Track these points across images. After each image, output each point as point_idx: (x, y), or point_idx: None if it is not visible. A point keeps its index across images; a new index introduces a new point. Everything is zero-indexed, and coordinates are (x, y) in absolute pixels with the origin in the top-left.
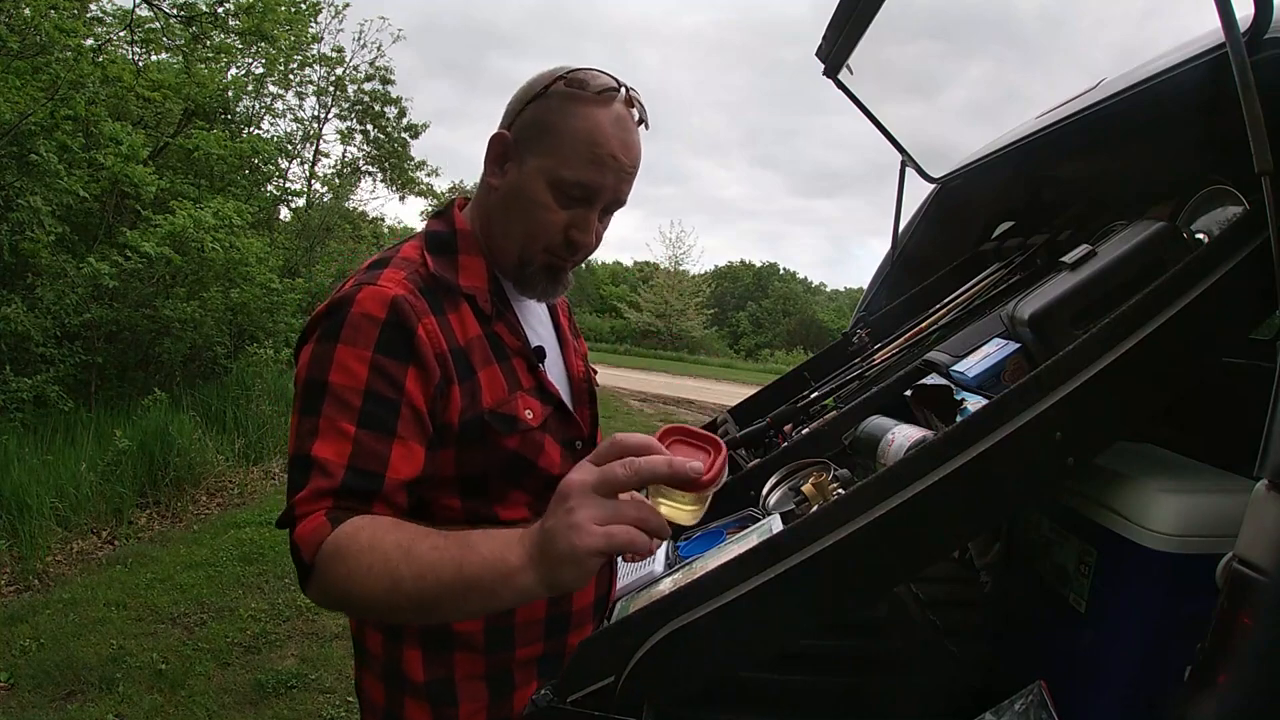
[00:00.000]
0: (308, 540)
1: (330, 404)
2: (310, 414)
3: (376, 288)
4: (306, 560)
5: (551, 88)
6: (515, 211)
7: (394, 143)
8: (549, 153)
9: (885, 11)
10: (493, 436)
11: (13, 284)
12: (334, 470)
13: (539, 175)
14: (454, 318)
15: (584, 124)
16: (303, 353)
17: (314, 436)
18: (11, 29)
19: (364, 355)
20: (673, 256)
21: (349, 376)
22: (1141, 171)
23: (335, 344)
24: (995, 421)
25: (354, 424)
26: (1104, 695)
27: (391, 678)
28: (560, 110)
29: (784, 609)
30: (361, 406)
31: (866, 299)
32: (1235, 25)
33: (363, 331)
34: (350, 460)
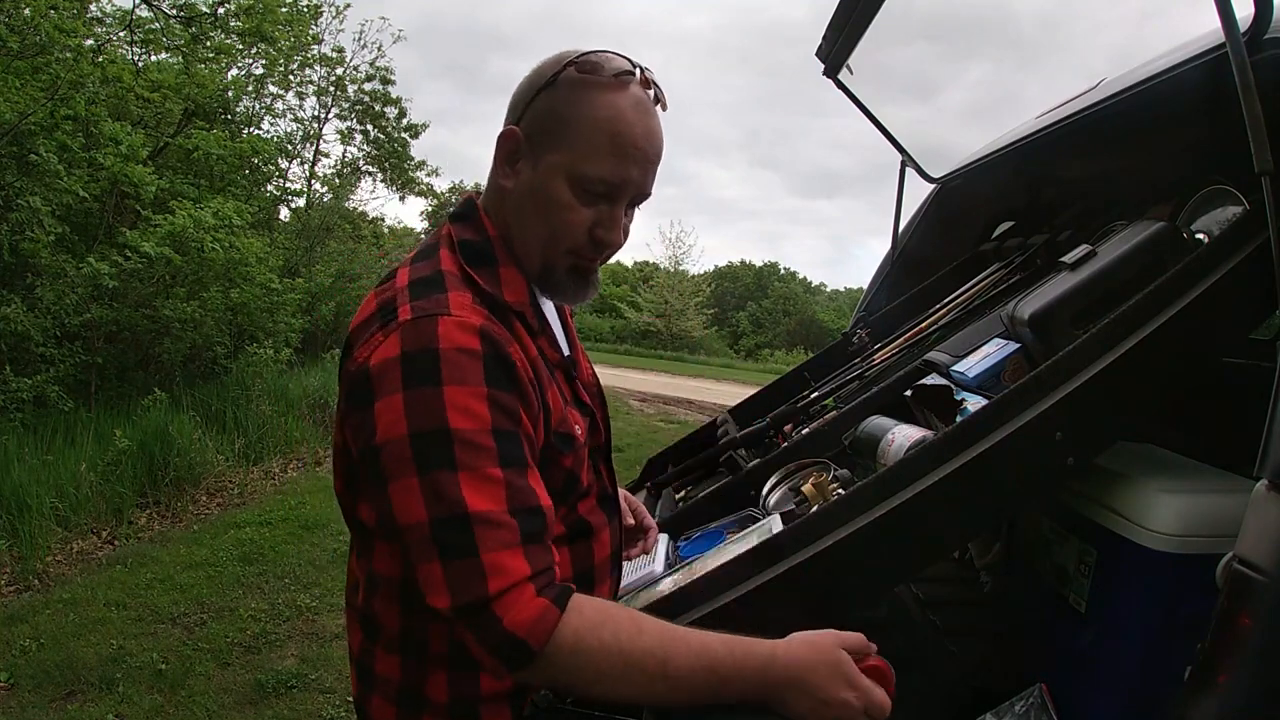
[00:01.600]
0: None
1: (463, 451)
2: (439, 468)
3: (455, 318)
4: (534, 648)
5: (562, 75)
6: (534, 214)
7: (394, 143)
8: (566, 147)
9: (885, 12)
10: (555, 457)
11: (13, 284)
12: (501, 519)
13: (557, 172)
14: (516, 337)
15: (602, 112)
16: (388, 404)
17: (460, 490)
18: (11, 29)
19: (479, 392)
20: (673, 256)
21: (472, 419)
22: (1141, 171)
23: (440, 386)
24: (995, 421)
25: (499, 466)
26: (1104, 695)
27: (407, 700)
28: (574, 99)
29: (784, 609)
30: (497, 447)
31: (866, 299)
32: (1235, 25)
33: (466, 368)
34: (509, 504)
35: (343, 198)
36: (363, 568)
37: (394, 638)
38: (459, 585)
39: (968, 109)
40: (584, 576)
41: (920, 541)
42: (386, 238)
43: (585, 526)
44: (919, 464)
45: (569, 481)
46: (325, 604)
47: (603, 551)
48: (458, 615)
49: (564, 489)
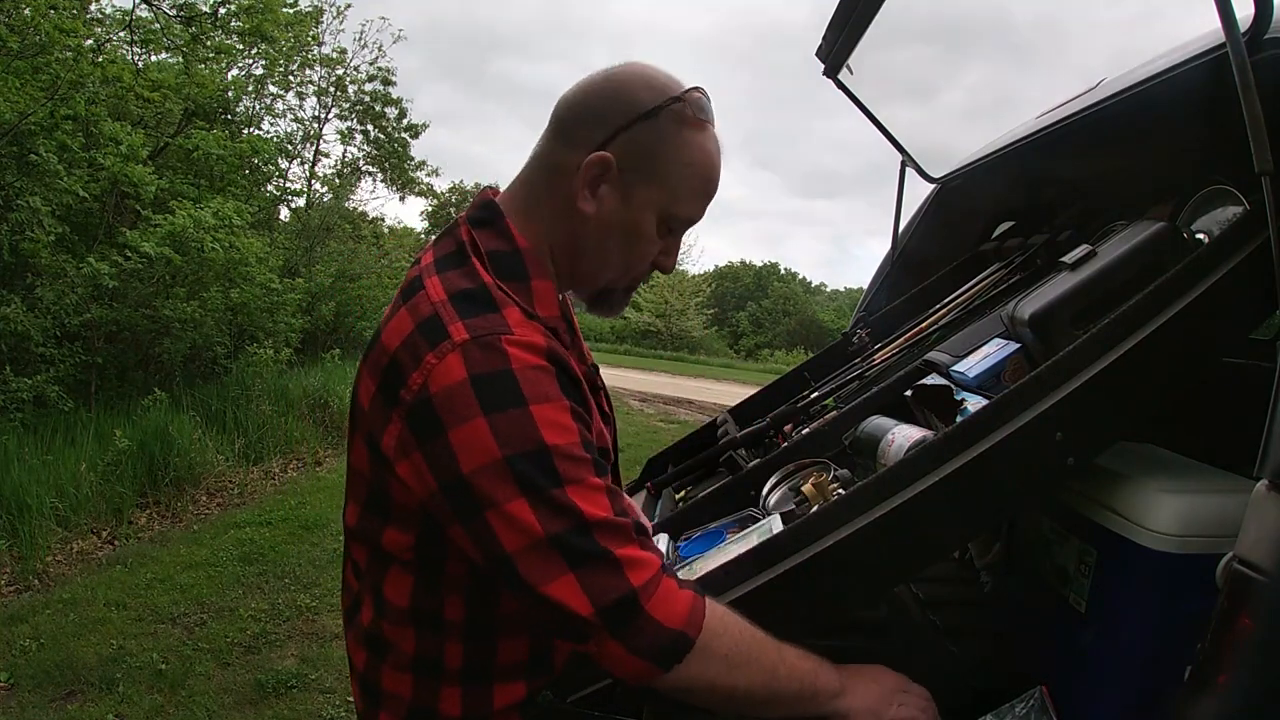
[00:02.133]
0: (691, 617)
1: (564, 465)
2: (550, 486)
3: (517, 336)
4: (693, 637)
5: (664, 110)
6: (617, 243)
7: (394, 143)
8: (662, 185)
9: (885, 13)
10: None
11: (13, 284)
12: (616, 522)
13: (649, 209)
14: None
15: (699, 156)
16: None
17: (575, 501)
18: (11, 29)
19: (563, 406)
20: None
21: (564, 433)
22: (1141, 171)
23: (525, 406)
24: (995, 421)
25: (595, 475)
26: (1104, 695)
27: (418, 716)
28: (676, 139)
29: (784, 609)
30: (591, 458)
31: (866, 299)
32: (1235, 25)
33: (544, 385)
34: (614, 509)
35: (343, 198)
36: (370, 589)
37: (406, 658)
38: (599, 588)
39: (967, 110)
40: None
41: (920, 541)
42: (386, 238)
43: None
44: (919, 464)
45: None
46: (325, 604)
47: None
48: (606, 620)
49: None
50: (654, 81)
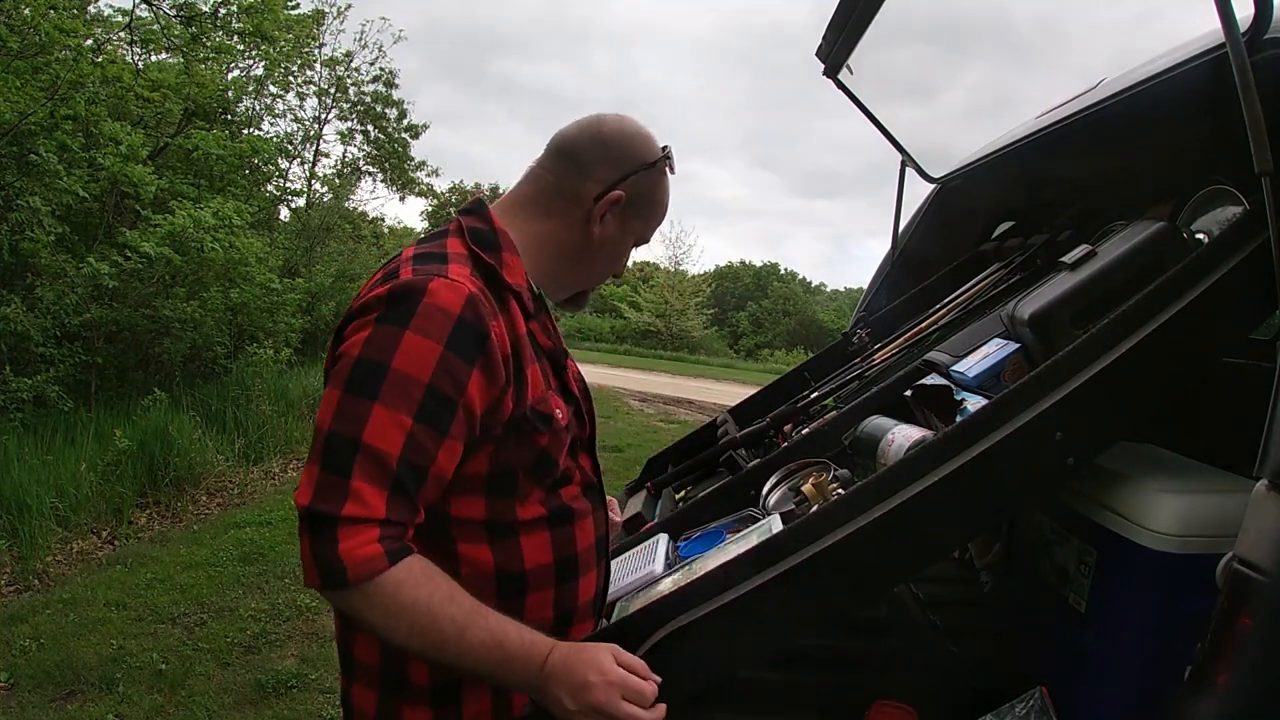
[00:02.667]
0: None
1: (389, 390)
2: (364, 396)
3: (449, 281)
4: (349, 579)
5: (658, 163)
6: (604, 257)
7: (394, 143)
8: (645, 218)
9: (884, 14)
10: (529, 433)
11: (13, 284)
12: (387, 461)
13: (630, 234)
14: (508, 315)
15: (664, 197)
16: (356, 331)
17: (367, 420)
18: (11, 29)
19: (434, 349)
20: (673, 256)
21: (415, 366)
22: (1141, 171)
23: (404, 330)
24: (995, 421)
25: (411, 416)
26: (1104, 695)
27: (388, 685)
28: (659, 186)
29: (784, 609)
30: (422, 400)
31: (866, 299)
32: (1235, 25)
33: (436, 323)
34: (403, 452)
35: (343, 198)
36: None
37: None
38: (322, 493)
39: (967, 110)
40: (568, 561)
41: (920, 541)
42: (386, 238)
43: (567, 512)
44: (919, 464)
45: (542, 462)
46: (325, 604)
47: (586, 539)
48: (308, 517)
49: (536, 468)
50: (650, 138)
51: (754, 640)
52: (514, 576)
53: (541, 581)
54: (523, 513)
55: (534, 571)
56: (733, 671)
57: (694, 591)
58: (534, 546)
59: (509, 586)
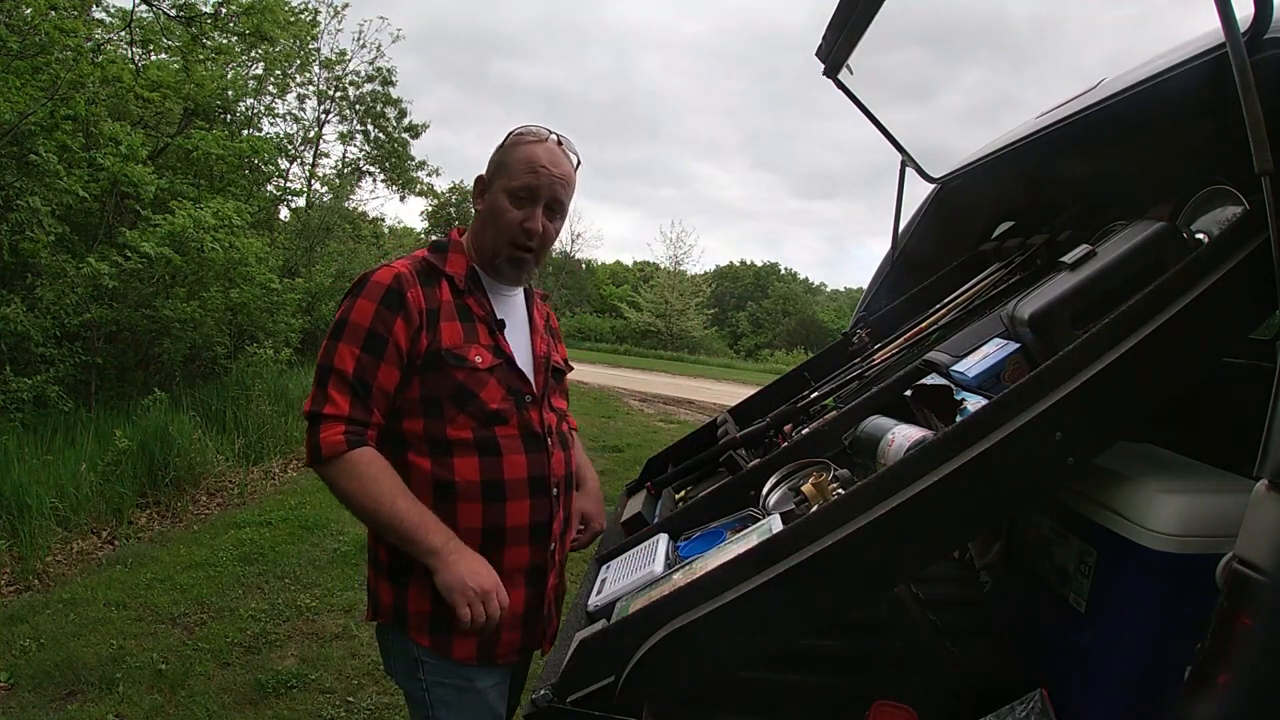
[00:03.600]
0: (327, 447)
1: (347, 333)
2: (334, 339)
3: (388, 267)
4: (322, 457)
5: (506, 140)
6: (490, 221)
7: (394, 143)
8: (504, 176)
9: (883, 16)
10: (445, 368)
11: (13, 284)
12: (346, 377)
13: (500, 193)
14: (435, 290)
15: (524, 154)
16: (340, 305)
17: (334, 353)
18: (11, 29)
19: (371, 305)
20: (673, 256)
21: (360, 317)
22: (1141, 171)
23: (357, 298)
24: (995, 421)
25: (359, 349)
26: (1104, 695)
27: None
28: (511, 150)
29: (784, 609)
30: (364, 337)
31: (866, 299)
32: (1235, 25)
33: (372, 291)
34: (354, 369)
35: (343, 198)
36: None
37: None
38: (314, 400)
39: (967, 110)
40: (494, 484)
41: (920, 541)
42: (386, 238)
43: (495, 444)
44: (919, 464)
45: (463, 392)
46: (325, 604)
47: (514, 472)
48: (307, 417)
49: (457, 397)
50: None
51: (754, 640)
52: (445, 484)
53: (469, 495)
54: (452, 432)
55: (462, 485)
56: (733, 671)
57: (694, 591)
58: (464, 466)
59: (442, 492)
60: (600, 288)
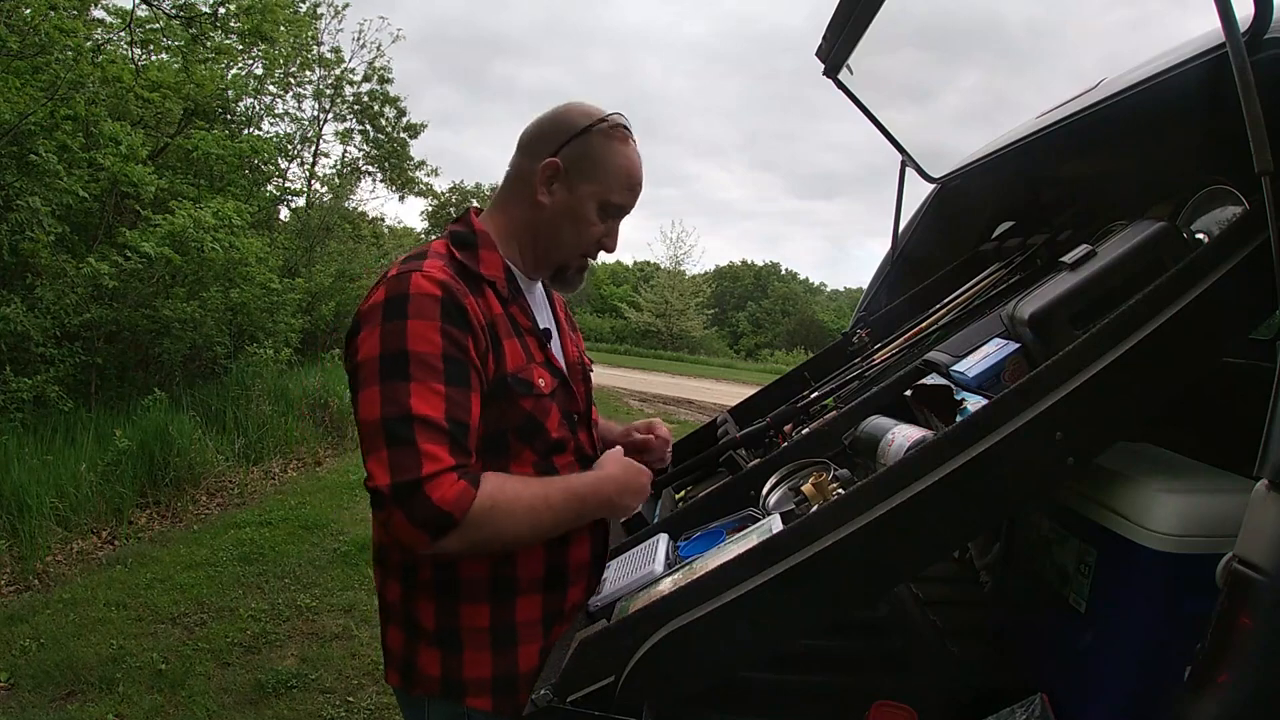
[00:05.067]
0: (456, 502)
1: (416, 368)
2: (397, 379)
3: (424, 274)
4: (456, 519)
5: (595, 127)
6: (568, 226)
7: (393, 142)
8: (598, 181)
9: (882, 18)
10: (512, 397)
11: (13, 284)
12: (438, 423)
13: (590, 199)
14: (482, 298)
15: (623, 161)
16: (366, 336)
17: (409, 396)
18: (11, 29)
19: (434, 325)
20: (673, 256)
21: (427, 345)
22: (1141, 171)
23: (405, 320)
24: (995, 421)
25: (442, 383)
26: (1104, 695)
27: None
28: (605, 148)
29: (784, 609)
30: (443, 368)
31: (866, 299)
32: (1235, 25)
33: (426, 307)
34: (447, 413)
35: (342, 198)
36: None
37: (396, 568)
38: (399, 467)
39: (967, 110)
40: None
41: (920, 541)
42: (386, 238)
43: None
44: (919, 464)
45: (530, 424)
46: (325, 604)
47: None
48: (394, 493)
49: (525, 430)
50: (589, 111)
51: (754, 640)
52: None
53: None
54: (515, 469)
55: None
56: (733, 671)
57: (694, 591)
58: None
59: None
60: (600, 287)
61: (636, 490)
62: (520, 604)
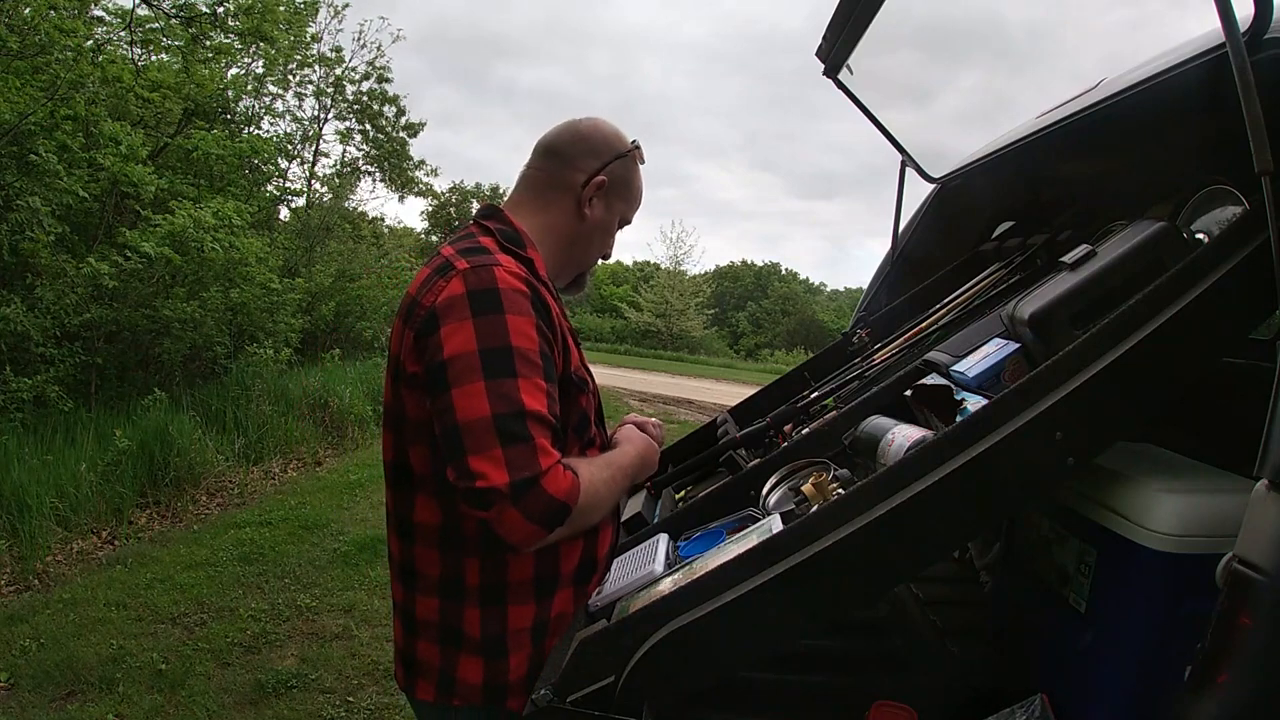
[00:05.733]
0: (570, 492)
1: (522, 364)
2: (505, 375)
3: (505, 270)
4: (571, 507)
5: (631, 152)
6: (598, 239)
7: (393, 142)
8: (625, 200)
9: (882, 19)
10: (575, 393)
11: (13, 284)
12: (547, 419)
13: (615, 216)
14: (544, 294)
15: (641, 183)
16: (454, 330)
17: (519, 392)
18: (11, 29)
19: (531, 322)
20: (673, 256)
21: (528, 340)
22: (1141, 171)
23: (504, 314)
24: (995, 421)
25: (544, 379)
26: (1104, 695)
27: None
28: (634, 171)
29: (784, 609)
30: (543, 365)
31: (866, 299)
32: (1235, 25)
33: (520, 304)
34: (548, 409)
35: (342, 198)
36: (401, 524)
37: (432, 582)
38: (517, 464)
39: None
40: None
41: (920, 541)
42: (386, 238)
43: None
44: (919, 464)
45: (583, 420)
46: (325, 604)
47: None
48: (512, 490)
49: (580, 425)
50: (621, 133)
51: (754, 640)
52: None
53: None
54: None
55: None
56: (733, 671)
57: (694, 591)
58: None
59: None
60: (600, 288)
61: (653, 463)
62: (558, 598)
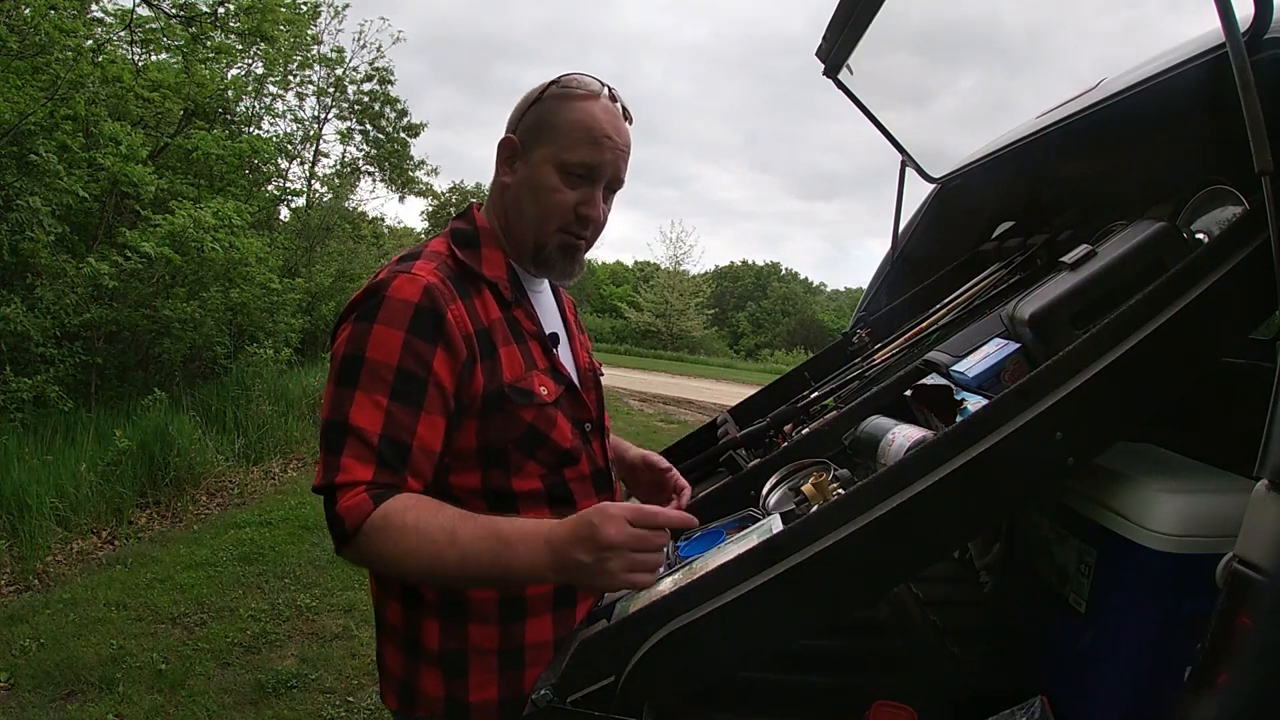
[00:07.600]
0: (351, 514)
1: (366, 377)
2: (347, 385)
3: (410, 276)
4: (348, 530)
5: (546, 92)
6: (529, 199)
7: (393, 142)
8: (552, 143)
9: (885, 15)
10: (511, 408)
11: (13, 284)
12: (369, 438)
13: (546, 163)
14: (478, 302)
15: (579, 115)
16: (341, 331)
17: (350, 405)
18: (11, 29)
19: (397, 335)
20: (673, 256)
21: (384, 353)
22: (1141, 171)
23: (372, 324)
24: (995, 421)
25: (386, 397)
26: (1103, 695)
27: (409, 646)
28: (557, 108)
29: (784, 609)
30: (393, 381)
31: (866, 299)
32: (1235, 25)
33: (397, 314)
34: (383, 429)
35: (343, 197)
36: None
37: (397, 587)
38: (324, 471)
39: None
40: None
41: (920, 541)
42: (386, 238)
43: (566, 492)
44: (919, 464)
45: (533, 435)
46: (325, 604)
47: None
48: (316, 492)
49: (527, 441)
50: (549, 80)
51: (754, 640)
52: None
53: None
54: (519, 484)
55: None
56: (733, 671)
57: (694, 591)
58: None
59: None
60: (600, 288)
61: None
62: (530, 626)
